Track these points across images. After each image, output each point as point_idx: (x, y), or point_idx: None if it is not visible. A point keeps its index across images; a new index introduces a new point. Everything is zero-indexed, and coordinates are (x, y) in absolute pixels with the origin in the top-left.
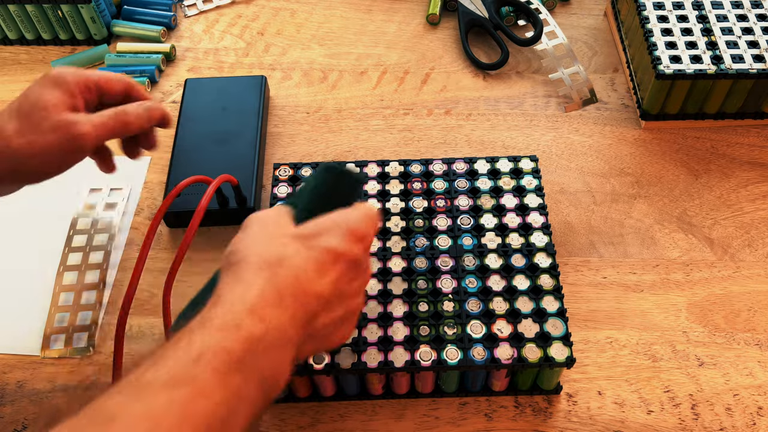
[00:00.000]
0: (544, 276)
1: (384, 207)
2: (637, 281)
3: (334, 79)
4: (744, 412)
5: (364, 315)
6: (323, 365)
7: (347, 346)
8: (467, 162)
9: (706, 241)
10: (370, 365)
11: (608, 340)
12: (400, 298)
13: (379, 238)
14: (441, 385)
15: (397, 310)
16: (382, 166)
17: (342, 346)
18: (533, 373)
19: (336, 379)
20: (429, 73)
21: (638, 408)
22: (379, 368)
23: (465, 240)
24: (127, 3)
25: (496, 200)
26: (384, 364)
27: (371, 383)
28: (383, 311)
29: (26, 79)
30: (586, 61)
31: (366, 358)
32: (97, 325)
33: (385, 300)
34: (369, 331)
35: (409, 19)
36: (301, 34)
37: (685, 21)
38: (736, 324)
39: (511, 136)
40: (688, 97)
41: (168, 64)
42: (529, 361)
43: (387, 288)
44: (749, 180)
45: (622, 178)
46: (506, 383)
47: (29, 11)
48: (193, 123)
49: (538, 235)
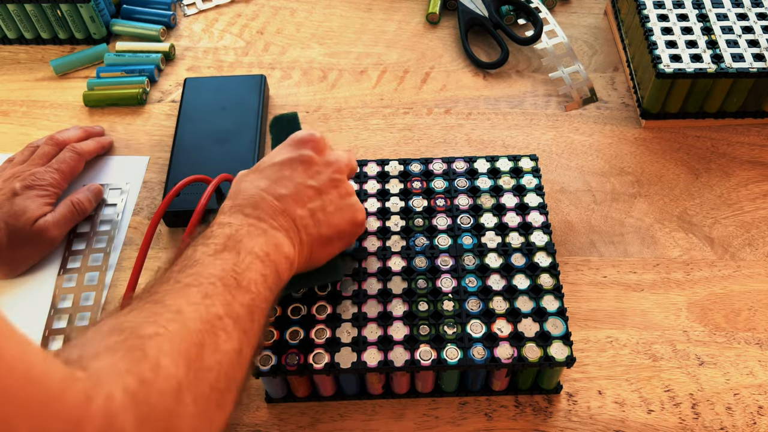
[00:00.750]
0: (544, 275)
1: (384, 206)
2: (637, 280)
3: (334, 78)
4: (744, 412)
5: (364, 314)
6: (323, 365)
7: (347, 345)
8: (467, 161)
9: (707, 240)
10: (369, 365)
11: (608, 340)
12: (400, 297)
13: (379, 237)
14: (441, 384)
15: (397, 310)
16: (382, 165)
17: (341, 346)
18: (533, 373)
19: (336, 379)
20: (429, 72)
21: (638, 407)
22: (379, 368)
23: (465, 239)
24: (126, 2)
25: (496, 199)
26: (384, 363)
27: (371, 383)
28: (383, 310)
29: (25, 78)
30: (586, 60)
31: (366, 357)
32: None
33: (384, 299)
34: (369, 330)
35: (409, 18)
36: (301, 33)
37: (686, 20)
38: (736, 323)
39: (511, 135)
40: (689, 96)
41: (167, 64)
42: (529, 361)
43: (387, 287)
44: (750, 179)
45: (623, 177)
46: (506, 383)
47: (28, 10)
48: (193, 122)
49: (538, 234)
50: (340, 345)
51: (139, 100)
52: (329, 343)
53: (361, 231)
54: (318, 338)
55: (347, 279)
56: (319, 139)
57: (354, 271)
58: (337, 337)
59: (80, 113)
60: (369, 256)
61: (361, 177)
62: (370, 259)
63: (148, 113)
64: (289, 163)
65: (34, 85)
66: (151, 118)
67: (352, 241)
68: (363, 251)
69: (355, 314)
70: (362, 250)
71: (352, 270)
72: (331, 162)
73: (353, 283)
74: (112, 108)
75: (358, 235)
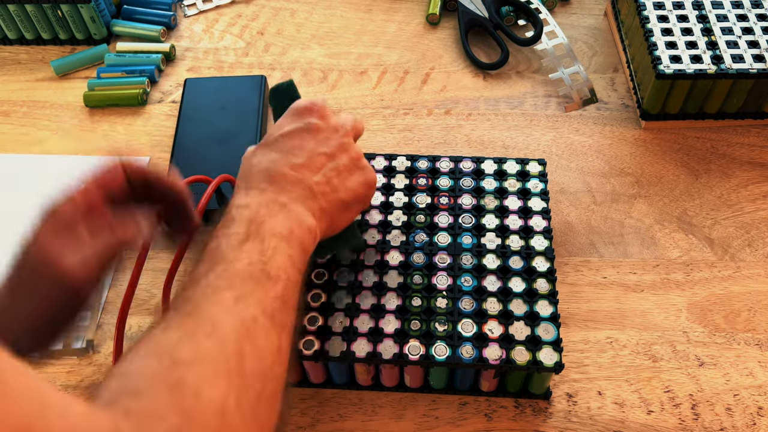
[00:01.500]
0: (540, 280)
1: (387, 200)
2: (637, 281)
3: (334, 78)
4: (744, 412)
5: (357, 305)
6: (312, 351)
7: (337, 335)
8: (474, 161)
9: (707, 241)
10: (358, 355)
11: (608, 340)
12: (395, 291)
13: (380, 230)
14: (429, 381)
15: (390, 303)
16: (390, 159)
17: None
18: (522, 376)
19: (325, 367)
20: (429, 73)
21: (638, 408)
22: (367, 358)
23: (465, 239)
24: (126, 3)
25: (500, 201)
26: (372, 355)
27: (359, 373)
28: (377, 303)
29: (26, 78)
30: (586, 60)
31: (355, 347)
32: (96, 325)
33: (379, 292)
34: (360, 321)
35: (409, 18)
36: (301, 34)
37: (686, 21)
38: (736, 324)
39: (511, 136)
40: (689, 97)
41: (168, 64)
42: (517, 364)
43: (383, 280)
44: (749, 180)
45: (623, 178)
46: (495, 384)
47: (29, 11)
48: (193, 123)
49: (539, 239)
50: (330, 333)
51: (140, 101)
52: (320, 331)
53: (373, 193)
54: (310, 325)
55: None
56: (321, 106)
57: (351, 262)
58: (328, 325)
59: (81, 113)
60: (368, 249)
61: None
62: (368, 252)
63: (148, 114)
64: (297, 132)
65: (34, 85)
66: (152, 118)
67: (367, 204)
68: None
69: (348, 304)
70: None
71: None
72: (338, 126)
73: (350, 273)
74: (112, 108)
75: (372, 196)
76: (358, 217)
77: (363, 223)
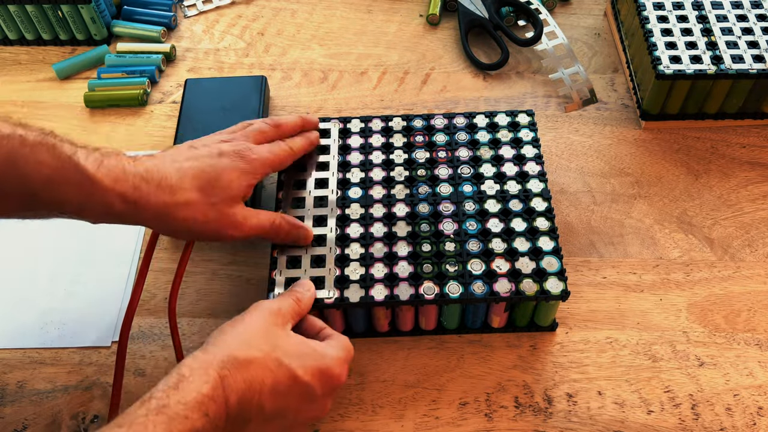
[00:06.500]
0: (540, 219)
1: (388, 158)
2: (637, 281)
3: (334, 79)
4: (744, 413)
5: (371, 255)
6: (333, 299)
7: (355, 282)
8: (466, 116)
9: (706, 241)
10: (377, 299)
11: (608, 341)
12: (404, 239)
13: (384, 186)
14: (443, 321)
15: (402, 250)
16: (386, 121)
17: (350, 282)
18: (530, 309)
19: (344, 315)
20: (429, 74)
21: (638, 408)
22: (386, 302)
23: (465, 187)
24: (127, 3)
25: (495, 151)
26: (390, 297)
27: (377, 318)
28: (389, 251)
29: (26, 79)
30: (586, 61)
31: (373, 292)
32: None
33: (390, 241)
34: (376, 269)
35: (409, 19)
36: (301, 35)
37: (685, 21)
38: (736, 324)
39: None
40: (688, 97)
41: (168, 65)
42: (527, 294)
43: (392, 230)
44: (749, 180)
45: (622, 178)
46: (505, 318)
47: (29, 11)
48: (194, 123)
49: (535, 182)
50: (349, 282)
51: (140, 101)
52: (339, 281)
53: None
54: (328, 276)
55: (354, 223)
56: (344, 378)
57: (361, 216)
58: (346, 275)
59: (81, 114)
60: (375, 203)
61: (366, 132)
62: (375, 206)
63: (149, 114)
64: (293, 384)
65: (35, 86)
66: (152, 119)
67: None
68: (369, 198)
69: (362, 254)
70: (368, 198)
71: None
72: (321, 407)
73: (361, 226)
74: (113, 109)
75: None
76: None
77: (368, 180)
